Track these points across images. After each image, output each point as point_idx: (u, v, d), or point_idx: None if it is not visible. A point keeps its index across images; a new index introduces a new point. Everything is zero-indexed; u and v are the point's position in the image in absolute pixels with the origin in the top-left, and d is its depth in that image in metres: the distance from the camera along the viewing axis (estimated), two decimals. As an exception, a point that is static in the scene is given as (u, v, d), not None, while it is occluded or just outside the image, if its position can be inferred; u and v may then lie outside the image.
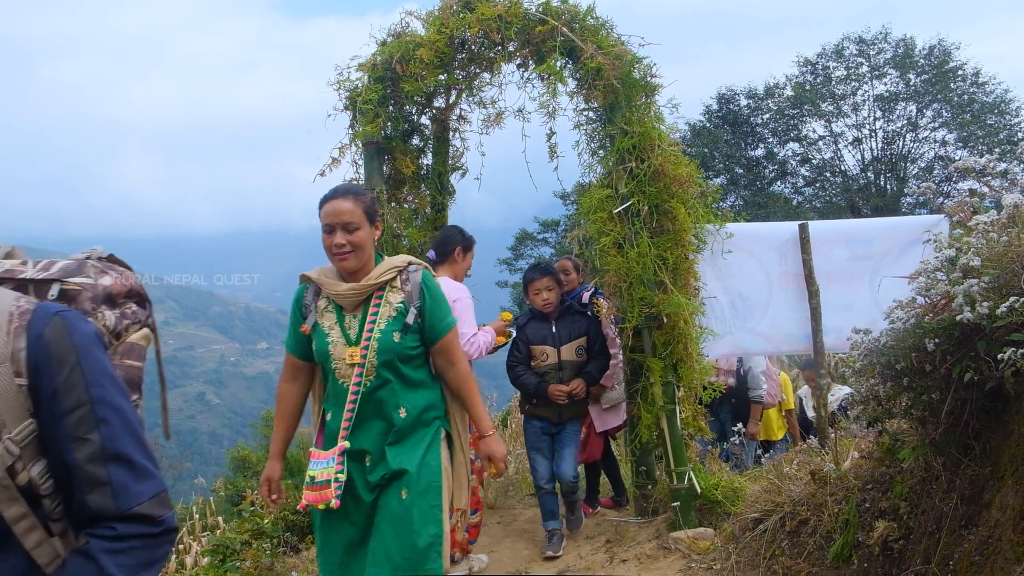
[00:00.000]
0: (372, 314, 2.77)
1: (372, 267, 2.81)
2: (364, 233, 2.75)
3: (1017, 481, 2.43)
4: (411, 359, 2.82)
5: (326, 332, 2.81)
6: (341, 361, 2.77)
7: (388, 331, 2.75)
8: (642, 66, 4.77)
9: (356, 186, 2.89)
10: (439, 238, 4.67)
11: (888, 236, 5.61)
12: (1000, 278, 2.48)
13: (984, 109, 26.16)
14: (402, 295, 2.81)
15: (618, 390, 5.15)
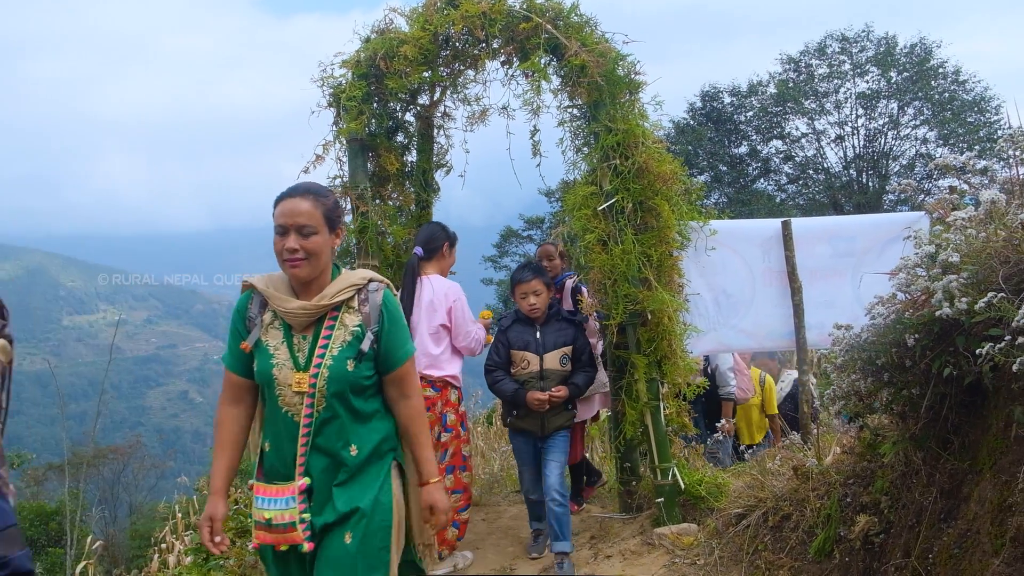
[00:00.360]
0: (325, 337, 2.45)
1: (327, 280, 2.51)
2: (321, 239, 2.43)
3: (995, 475, 2.46)
4: (364, 390, 2.51)
5: (271, 352, 2.48)
6: (286, 388, 2.44)
7: (341, 358, 2.44)
8: (626, 63, 4.78)
9: (318, 186, 2.55)
10: (424, 235, 4.68)
11: (870, 233, 5.67)
12: (978, 274, 2.51)
13: (964, 107, 26.43)
14: (359, 317, 2.50)
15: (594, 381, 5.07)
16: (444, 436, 4.50)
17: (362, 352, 2.45)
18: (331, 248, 2.50)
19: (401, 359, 2.53)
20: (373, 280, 2.57)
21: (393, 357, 2.52)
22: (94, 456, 18.00)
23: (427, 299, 4.49)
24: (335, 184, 5.08)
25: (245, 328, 2.53)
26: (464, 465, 4.64)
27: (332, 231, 2.49)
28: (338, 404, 2.45)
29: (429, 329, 4.47)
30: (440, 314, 4.47)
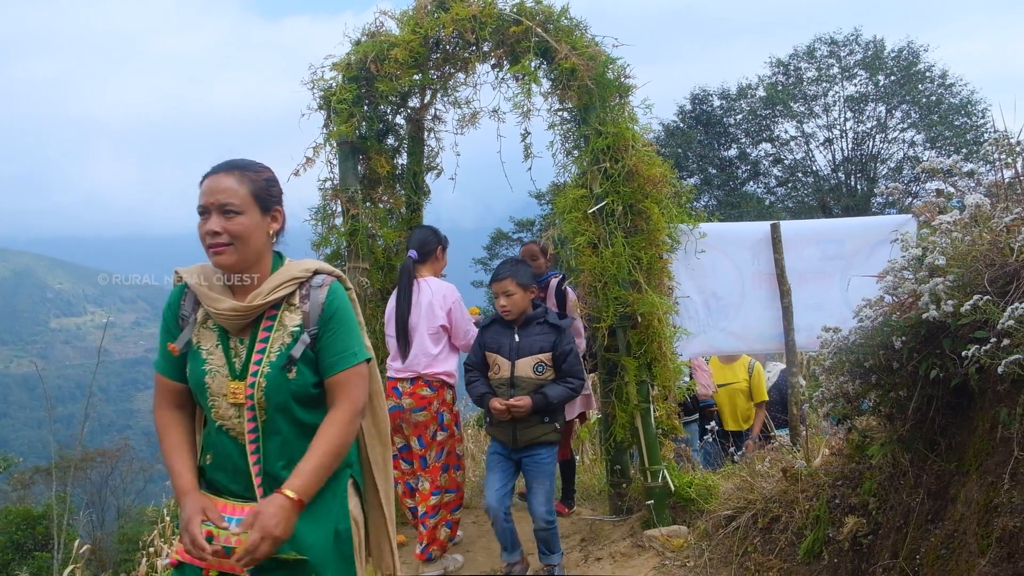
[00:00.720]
0: (262, 340, 2.12)
1: (266, 272, 2.18)
2: (248, 221, 2.09)
3: (981, 476, 2.48)
4: (313, 400, 2.17)
5: (204, 357, 2.15)
6: (220, 398, 2.12)
7: (280, 365, 2.10)
8: (616, 67, 4.80)
9: (249, 161, 2.19)
10: (418, 239, 4.71)
11: (858, 236, 5.71)
12: (964, 277, 2.53)
13: (951, 110, 26.64)
14: (299, 316, 2.16)
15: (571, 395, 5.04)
16: (440, 435, 4.51)
17: (292, 357, 2.10)
18: (267, 233, 2.16)
19: (339, 365, 2.15)
20: (320, 272, 2.22)
21: (329, 361, 2.15)
22: (81, 459, 17.89)
23: (426, 300, 4.51)
24: (326, 187, 5.08)
25: (177, 327, 2.21)
26: (458, 464, 4.67)
27: (265, 212, 2.14)
28: (281, 418, 2.12)
29: (429, 330, 4.49)
30: (440, 315, 4.50)
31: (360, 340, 2.22)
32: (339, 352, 2.15)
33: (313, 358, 2.15)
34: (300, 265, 2.21)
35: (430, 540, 4.47)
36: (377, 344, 5.20)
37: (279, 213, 2.21)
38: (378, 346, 5.21)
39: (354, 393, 2.15)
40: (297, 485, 2.03)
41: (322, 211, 5.11)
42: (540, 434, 4.07)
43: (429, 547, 4.46)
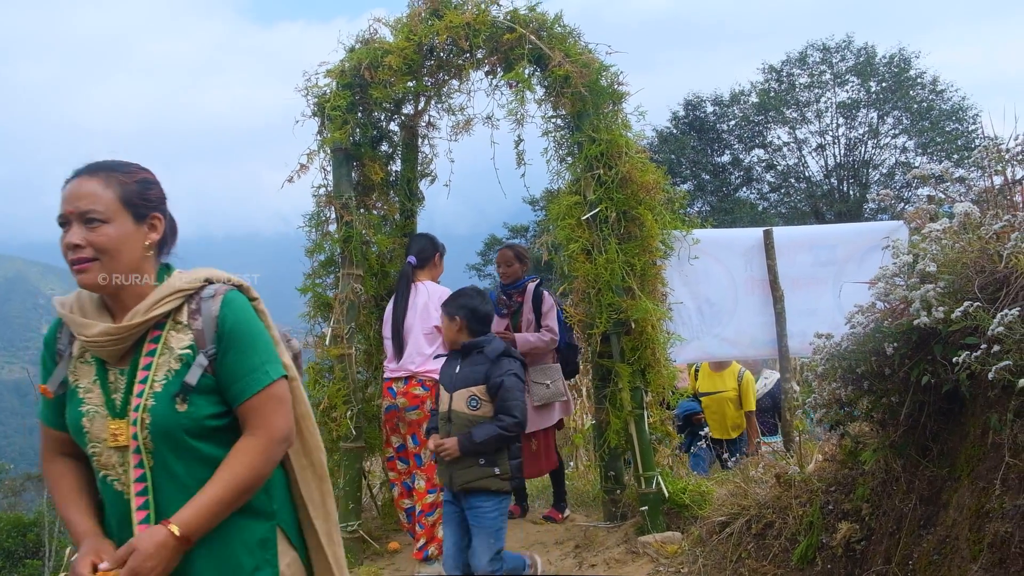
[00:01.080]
0: (144, 368, 1.77)
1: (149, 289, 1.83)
2: (115, 231, 1.76)
3: (972, 481, 2.50)
4: (213, 433, 1.80)
5: (81, 397, 1.81)
6: (101, 443, 1.77)
7: (167, 395, 1.75)
8: (609, 74, 4.83)
9: (118, 161, 1.86)
10: (417, 246, 4.82)
11: (850, 242, 5.74)
12: (955, 283, 2.55)
13: (942, 116, 26.83)
14: (190, 335, 1.80)
15: (551, 388, 5.07)
16: None
17: (187, 385, 1.76)
18: (138, 244, 1.81)
19: (249, 389, 1.80)
20: (213, 281, 1.87)
21: (236, 387, 1.80)
22: (73, 467, 17.79)
23: (422, 302, 4.61)
24: (320, 193, 5.08)
25: (55, 365, 1.88)
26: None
27: (139, 220, 1.81)
28: (175, 459, 1.76)
29: (424, 330, 4.58)
30: (435, 316, 4.56)
31: (272, 355, 1.86)
32: (246, 373, 1.80)
33: (213, 384, 1.80)
34: (187, 276, 1.87)
35: (428, 538, 4.49)
36: (371, 350, 5.20)
37: (159, 221, 1.86)
38: (371, 352, 5.21)
39: (271, 419, 1.81)
40: (185, 519, 1.70)
41: (316, 218, 5.11)
42: (476, 478, 3.65)
43: (427, 545, 4.48)
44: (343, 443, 4.85)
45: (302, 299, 5.16)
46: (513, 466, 3.72)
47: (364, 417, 4.95)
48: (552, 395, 5.06)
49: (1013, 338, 2.20)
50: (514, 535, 5.12)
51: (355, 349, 4.97)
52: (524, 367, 3.90)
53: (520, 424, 3.67)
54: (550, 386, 5.06)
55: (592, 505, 5.68)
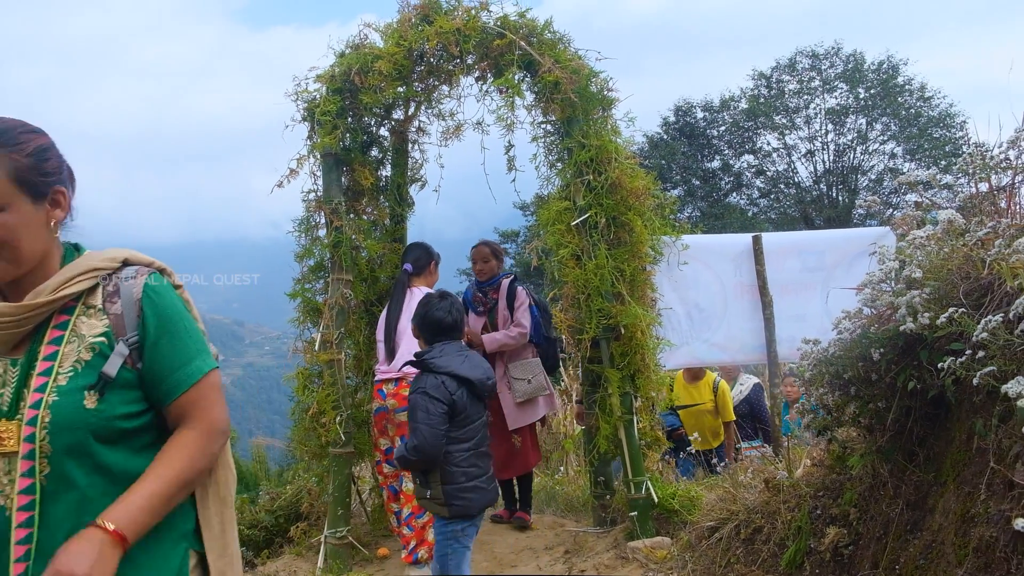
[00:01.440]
0: (46, 358, 1.52)
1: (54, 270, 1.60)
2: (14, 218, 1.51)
3: (958, 486, 2.51)
4: (124, 436, 1.56)
5: None
6: None
7: (73, 390, 1.50)
8: (599, 80, 4.85)
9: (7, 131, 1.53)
10: (413, 255, 4.88)
11: (838, 248, 5.77)
12: (940, 289, 2.57)
13: (930, 123, 27.04)
14: (105, 321, 1.57)
15: (533, 383, 5.09)
16: None
17: (106, 377, 1.52)
18: (47, 226, 1.58)
19: (187, 380, 1.60)
20: (130, 262, 1.65)
21: (173, 378, 1.59)
22: (61, 473, 17.67)
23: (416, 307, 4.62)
24: (310, 198, 5.07)
25: None
26: None
27: (39, 198, 1.55)
28: (75, 466, 1.49)
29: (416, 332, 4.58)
30: None
31: (204, 344, 1.67)
32: (180, 365, 1.60)
33: (134, 379, 1.57)
34: (103, 254, 1.64)
35: (418, 540, 4.49)
36: (360, 356, 5.19)
37: (62, 195, 1.59)
38: (361, 357, 5.20)
39: (209, 411, 1.62)
40: (119, 515, 1.46)
41: (306, 223, 5.10)
42: (417, 496, 3.69)
43: (417, 547, 4.48)
44: (332, 448, 4.84)
45: (291, 304, 5.15)
46: (448, 491, 3.48)
47: (353, 422, 4.93)
48: (534, 390, 5.09)
49: (997, 344, 2.22)
50: (504, 540, 5.12)
51: (344, 354, 4.96)
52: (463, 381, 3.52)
53: (417, 449, 3.39)
54: (531, 381, 5.09)
55: (582, 510, 5.68)
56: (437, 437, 3.40)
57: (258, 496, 6.73)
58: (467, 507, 3.53)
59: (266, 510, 5.66)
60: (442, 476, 3.49)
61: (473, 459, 3.54)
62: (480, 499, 3.55)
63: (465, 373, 3.53)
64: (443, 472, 3.48)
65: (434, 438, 3.39)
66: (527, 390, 5.08)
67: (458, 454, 3.49)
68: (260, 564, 5.19)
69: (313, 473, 5.30)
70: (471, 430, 3.55)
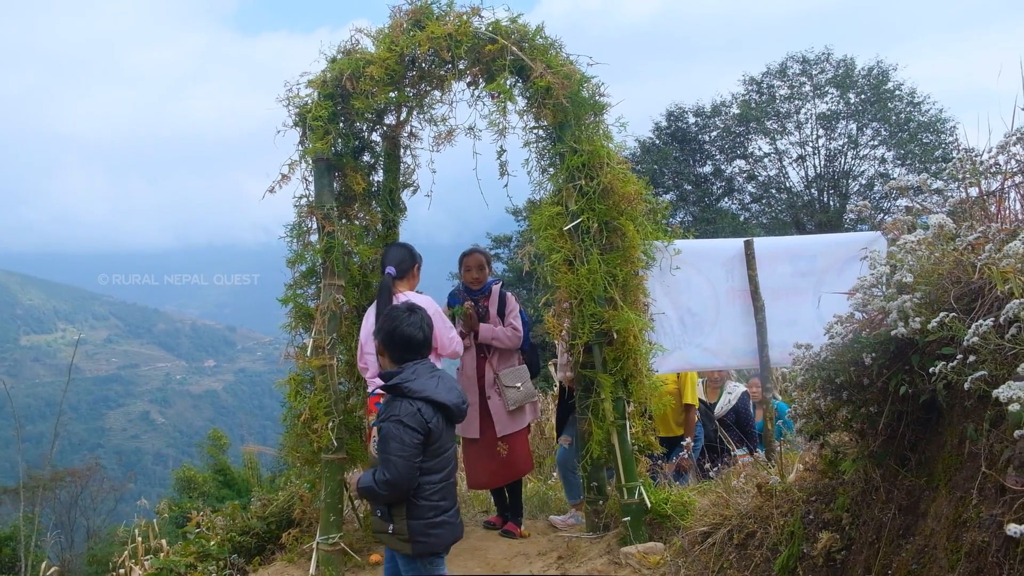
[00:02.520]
0: None
1: None
2: None
3: (950, 491, 2.51)
4: None
5: None
6: None
7: None
8: (591, 85, 4.85)
9: None
10: (396, 258, 4.74)
11: (830, 252, 5.78)
12: (931, 294, 2.58)
13: (920, 128, 27.19)
14: None
15: (523, 390, 5.12)
16: None
17: None
18: None
19: None
20: None
21: None
22: (50, 479, 17.57)
23: None
24: (301, 204, 5.06)
25: None
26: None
27: None
28: None
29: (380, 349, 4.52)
30: None
31: None
32: None
33: None
34: None
35: None
36: (353, 361, 5.17)
37: None
38: (353, 363, 5.18)
39: None
40: None
41: (297, 228, 5.08)
42: (376, 529, 3.38)
43: None
44: (324, 454, 4.81)
45: (283, 309, 5.13)
46: (414, 527, 3.18)
47: (346, 428, 4.91)
48: (525, 396, 5.15)
49: (988, 348, 2.23)
50: (497, 547, 5.10)
51: (337, 360, 4.94)
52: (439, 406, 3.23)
53: (389, 484, 3.10)
54: (521, 388, 5.12)
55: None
56: (411, 470, 3.11)
57: (250, 502, 6.70)
58: (432, 545, 3.24)
59: (258, 516, 5.63)
60: (408, 510, 3.19)
61: (444, 491, 3.26)
62: (447, 535, 3.27)
63: (442, 398, 3.23)
64: (410, 506, 3.18)
65: (408, 471, 3.11)
66: (518, 397, 5.10)
67: (428, 487, 3.20)
68: (252, 571, 5.16)
69: (305, 479, 5.28)
70: (443, 460, 3.26)
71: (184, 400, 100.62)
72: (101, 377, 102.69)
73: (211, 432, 18.22)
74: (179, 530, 8.75)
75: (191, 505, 11.83)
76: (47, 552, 13.55)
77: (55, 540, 17.44)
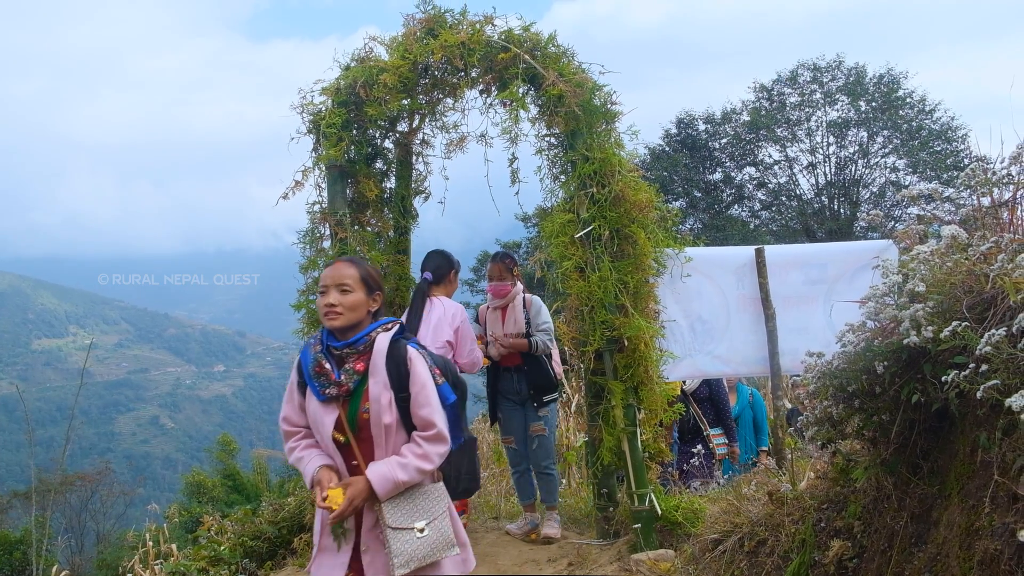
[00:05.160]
0: None
1: None
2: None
3: (962, 499, 2.52)
4: None
5: None
6: None
7: None
8: (602, 94, 4.87)
9: None
10: (434, 263, 4.89)
11: (841, 260, 5.78)
12: (943, 303, 2.58)
13: (932, 136, 27.05)
14: None
15: (426, 537, 4.91)
16: None
17: None
18: None
19: None
20: None
21: None
22: (61, 483, 17.66)
23: (436, 317, 4.71)
24: (314, 210, 5.10)
25: None
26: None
27: None
28: None
29: (436, 343, 4.64)
30: (447, 332, 4.69)
31: None
32: None
33: None
34: None
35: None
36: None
37: None
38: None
39: None
40: None
41: (310, 234, 5.13)
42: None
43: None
44: (336, 460, 4.83)
45: (292, 314, 5.17)
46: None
47: (357, 434, 4.93)
48: (430, 550, 4.73)
49: (1000, 357, 2.23)
50: (507, 553, 5.11)
51: (348, 366, 4.96)
52: None
53: None
54: (426, 531, 4.98)
55: (585, 523, 5.67)
56: None
57: (259, 507, 6.72)
58: None
59: (269, 521, 5.67)
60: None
61: None
62: None
63: None
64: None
65: None
66: (415, 553, 2.81)
67: None
68: (263, 575, 5.19)
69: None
70: None
71: (194, 405, 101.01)
72: (111, 381, 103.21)
73: (220, 437, 18.29)
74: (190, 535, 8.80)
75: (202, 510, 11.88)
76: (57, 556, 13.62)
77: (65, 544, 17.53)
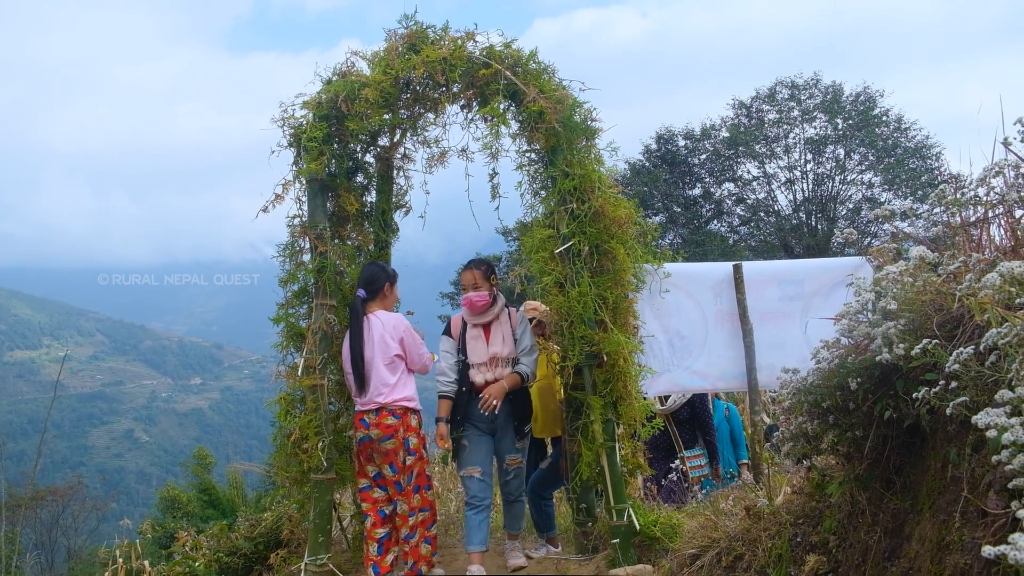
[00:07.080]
0: None
1: None
2: None
3: (934, 514, 2.55)
4: None
5: None
6: None
7: None
8: (583, 110, 4.92)
9: None
10: (366, 276, 4.90)
11: (817, 277, 5.86)
12: (915, 321, 2.63)
13: (907, 153, 27.53)
14: None
15: None
16: (409, 459, 4.68)
17: None
18: None
19: None
20: None
21: None
22: (32, 498, 17.34)
23: (378, 334, 4.74)
24: (294, 224, 5.09)
25: None
26: (428, 484, 4.85)
27: None
28: None
29: (384, 360, 4.70)
30: (393, 346, 4.73)
31: None
32: None
33: None
34: None
35: (415, 558, 4.63)
36: (343, 381, 5.18)
37: None
38: (344, 383, 5.19)
39: None
40: None
41: (290, 248, 5.12)
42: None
43: (417, 565, 4.62)
44: (314, 475, 4.81)
45: (271, 328, 5.15)
46: None
47: (336, 448, 4.91)
48: None
49: (968, 375, 2.28)
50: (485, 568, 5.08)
51: (327, 380, 4.95)
52: None
53: None
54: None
55: (564, 537, 5.66)
56: None
57: (235, 522, 6.65)
58: None
59: (245, 537, 5.61)
60: None
61: None
62: None
63: None
64: None
65: None
66: None
67: None
68: (238, 592, 5.13)
69: (294, 499, 5.26)
70: None
71: (169, 418, 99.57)
72: (85, 394, 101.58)
73: (196, 451, 18.03)
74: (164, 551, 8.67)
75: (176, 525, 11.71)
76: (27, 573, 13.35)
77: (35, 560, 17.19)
